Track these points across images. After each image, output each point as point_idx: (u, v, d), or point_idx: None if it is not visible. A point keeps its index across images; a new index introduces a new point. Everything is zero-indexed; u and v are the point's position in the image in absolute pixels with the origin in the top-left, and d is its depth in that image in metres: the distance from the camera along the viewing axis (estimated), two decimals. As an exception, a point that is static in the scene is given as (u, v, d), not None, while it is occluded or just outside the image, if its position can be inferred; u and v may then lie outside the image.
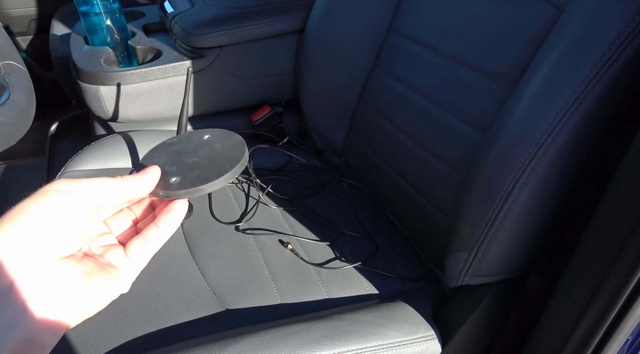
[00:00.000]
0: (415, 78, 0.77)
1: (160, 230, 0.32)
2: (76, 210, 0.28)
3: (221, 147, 0.37)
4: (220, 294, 0.61)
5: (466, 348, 0.64)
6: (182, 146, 0.37)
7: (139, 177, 0.32)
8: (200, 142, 0.37)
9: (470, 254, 0.58)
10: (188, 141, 0.38)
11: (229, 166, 0.34)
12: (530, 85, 0.52)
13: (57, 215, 0.27)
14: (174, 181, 0.34)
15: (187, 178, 0.34)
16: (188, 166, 0.35)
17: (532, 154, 0.49)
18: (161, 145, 0.38)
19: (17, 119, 0.50)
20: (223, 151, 0.36)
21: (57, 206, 0.27)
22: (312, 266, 0.70)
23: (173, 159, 0.36)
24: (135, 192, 0.32)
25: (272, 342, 0.53)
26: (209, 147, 0.37)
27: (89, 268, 0.29)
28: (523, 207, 0.52)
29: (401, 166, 0.80)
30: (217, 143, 0.37)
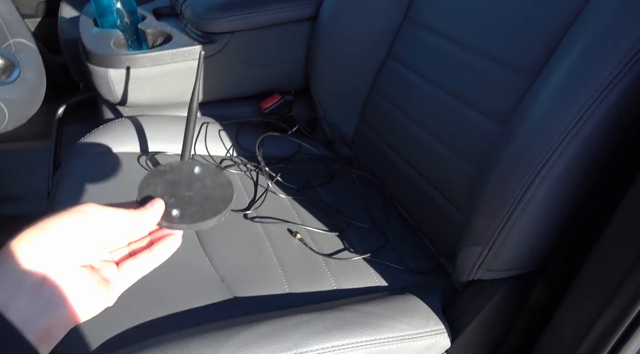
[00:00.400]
0: (431, 68, 0.75)
1: (153, 255, 0.37)
2: (96, 231, 0.33)
3: (211, 184, 0.42)
4: (228, 281, 0.60)
5: (475, 343, 0.63)
6: (176, 176, 0.41)
7: (149, 211, 0.36)
8: (192, 175, 0.42)
9: (484, 248, 0.56)
10: (180, 171, 0.42)
11: (222, 206, 0.40)
12: (553, 77, 0.50)
13: (81, 232, 0.32)
14: (175, 214, 0.38)
15: (186, 213, 0.39)
16: (185, 200, 0.40)
17: (554, 148, 0.47)
18: (156, 172, 0.41)
19: (28, 97, 0.49)
20: (214, 189, 0.41)
21: (83, 225, 0.32)
22: (320, 256, 0.69)
23: (170, 189, 0.40)
24: (145, 223, 0.36)
25: (280, 331, 0.52)
26: (201, 183, 0.41)
27: (98, 277, 0.33)
28: (541, 202, 0.50)
29: (413, 157, 0.78)
30: (207, 179, 0.42)
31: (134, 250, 0.38)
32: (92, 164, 0.75)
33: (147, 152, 0.81)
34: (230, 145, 0.90)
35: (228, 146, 0.89)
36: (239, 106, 1.00)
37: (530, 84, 0.56)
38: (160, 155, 0.81)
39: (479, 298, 0.62)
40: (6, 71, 0.48)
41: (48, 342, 0.30)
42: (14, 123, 0.47)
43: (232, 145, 0.90)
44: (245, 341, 0.50)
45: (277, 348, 0.50)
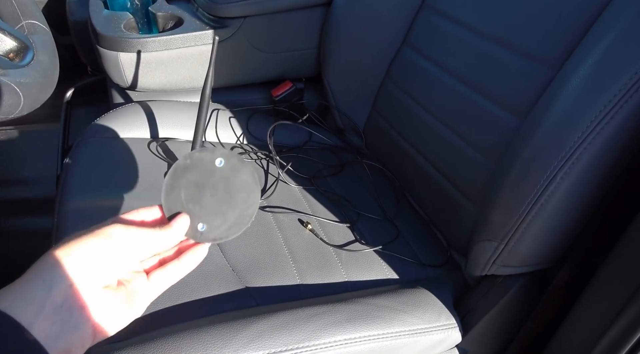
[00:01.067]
0: (448, 57, 0.73)
1: (181, 264, 0.38)
2: (120, 253, 0.34)
3: (235, 183, 0.40)
4: (239, 271, 0.60)
5: (487, 339, 0.63)
6: (199, 174, 0.40)
7: (174, 229, 0.37)
8: (214, 171, 0.40)
9: (500, 243, 0.56)
10: (202, 166, 0.40)
11: (247, 213, 0.39)
12: (579, 69, 0.49)
13: (105, 255, 0.33)
14: (201, 229, 0.39)
15: (212, 226, 0.39)
16: (210, 208, 0.39)
17: (579, 143, 0.46)
18: (178, 169, 0.40)
19: (42, 81, 0.48)
20: (238, 191, 0.39)
21: (107, 248, 0.33)
22: (331, 248, 0.68)
23: (194, 194, 0.39)
24: (170, 241, 0.37)
25: (293, 323, 0.52)
26: (225, 183, 0.40)
27: (123, 295, 0.34)
28: (562, 199, 0.49)
29: (427, 148, 0.77)
30: (231, 176, 0.40)
31: (164, 259, 0.39)
32: (102, 149, 0.75)
33: (157, 138, 0.80)
34: (241, 132, 0.88)
35: (238, 133, 0.88)
36: (250, 92, 0.99)
37: (554, 77, 0.55)
38: (171, 141, 0.80)
39: (492, 294, 0.61)
40: (20, 54, 0.47)
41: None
42: (29, 107, 0.46)
43: (243, 132, 0.89)
44: (258, 333, 0.49)
45: (289, 340, 0.50)
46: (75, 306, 0.31)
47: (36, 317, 0.29)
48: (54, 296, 0.30)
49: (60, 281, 0.31)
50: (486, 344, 0.64)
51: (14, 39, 0.47)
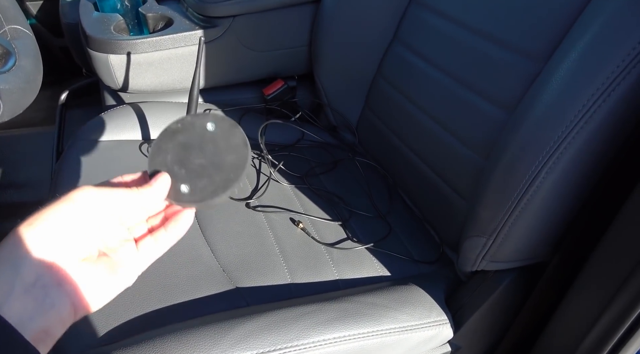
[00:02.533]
0: (437, 53, 0.73)
1: (167, 233, 0.36)
2: (97, 219, 0.31)
3: (225, 145, 0.37)
4: (230, 271, 0.60)
5: (479, 334, 0.63)
6: (188, 136, 0.38)
7: (152, 187, 0.34)
8: (204, 134, 0.38)
9: (489, 239, 0.55)
10: (193, 129, 0.38)
11: (234, 176, 0.36)
12: (564, 63, 0.49)
13: (74, 222, 0.30)
14: (184, 191, 0.36)
15: (196, 188, 0.36)
16: (195, 170, 0.37)
17: (563, 137, 0.46)
18: (168, 132, 0.38)
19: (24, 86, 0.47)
20: (227, 153, 0.37)
21: (75, 214, 0.30)
22: (323, 246, 0.68)
23: (181, 156, 0.37)
24: (150, 202, 0.34)
25: (282, 323, 0.52)
26: (214, 145, 0.37)
27: (102, 269, 0.32)
28: (548, 192, 0.49)
29: (418, 145, 0.77)
30: (220, 139, 0.38)
31: (153, 226, 0.36)
32: (93, 152, 0.75)
33: (149, 139, 0.80)
34: (233, 132, 0.88)
35: (230, 133, 0.88)
36: (241, 91, 0.98)
37: (540, 71, 0.54)
38: (162, 142, 0.80)
39: (482, 289, 0.61)
40: (1, 60, 0.47)
41: (47, 341, 0.29)
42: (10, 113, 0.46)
43: (235, 132, 0.89)
44: (246, 333, 0.49)
45: (277, 340, 0.50)
46: (50, 283, 0.29)
47: (5, 299, 0.27)
48: (23, 274, 0.28)
49: (29, 258, 0.28)
50: (478, 340, 0.64)
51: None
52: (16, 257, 0.28)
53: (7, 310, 0.27)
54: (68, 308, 0.30)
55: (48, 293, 0.29)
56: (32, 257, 0.28)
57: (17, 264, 0.28)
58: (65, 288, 0.29)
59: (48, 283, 0.29)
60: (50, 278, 0.29)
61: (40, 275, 0.28)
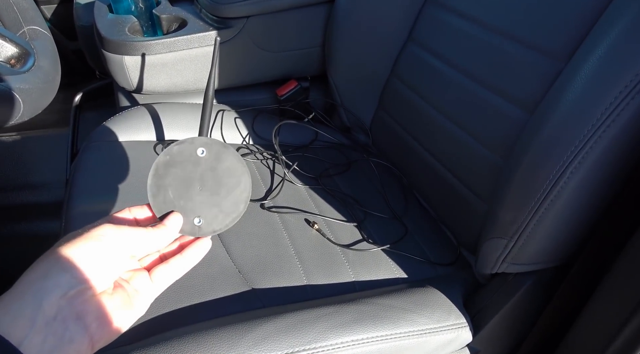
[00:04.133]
0: (454, 52, 0.72)
1: (184, 259, 0.36)
2: (114, 256, 0.32)
3: (222, 169, 0.38)
4: (245, 272, 0.60)
5: (498, 338, 0.62)
6: (182, 168, 0.38)
7: (167, 228, 0.36)
8: (198, 161, 0.38)
9: (510, 241, 0.54)
10: (185, 159, 0.38)
11: (240, 198, 0.38)
12: (589, 61, 0.47)
13: (97, 260, 0.31)
14: (197, 224, 0.37)
15: (208, 219, 0.38)
16: (202, 201, 0.38)
17: (589, 136, 0.45)
18: (159, 166, 0.38)
19: (43, 86, 0.48)
20: (228, 177, 0.38)
21: (98, 252, 0.31)
22: (338, 247, 0.67)
23: (182, 190, 0.37)
24: (165, 240, 0.36)
25: (299, 325, 0.51)
26: (211, 171, 0.38)
27: (119, 302, 0.32)
28: (572, 194, 0.48)
29: (434, 146, 0.76)
30: (216, 165, 0.38)
31: (164, 254, 0.37)
32: (108, 153, 0.75)
33: (163, 140, 0.80)
34: (247, 133, 0.88)
35: (244, 134, 0.88)
36: (255, 92, 0.98)
37: (562, 69, 0.53)
38: (176, 143, 0.80)
39: (502, 292, 0.60)
40: (21, 60, 0.47)
41: None
42: (29, 113, 0.46)
43: (248, 133, 0.88)
44: (264, 335, 0.49)
45: (295, 342, 0.49)
46: (69, 317, 0.29)
47: (26, 333, 0.27)
48: (45, 308, 0.28)
49: (52, 292, 0.28)
50: (497, 343, 0.63)
51: (15, 46, 0.47)
52: (39, 290, 0.28)
53: (28, 345, 0.27)
54: (86, 343, 0.30)
55: (67, 326, 0.29)
56: (55, 291, 0.29)
57: (40, 297, 0.28)
58: (85, 321, 0.30)
59: (68, 317, 0.29)
60: (70, 312, 0.29)
61: (61, 309, 0.29)
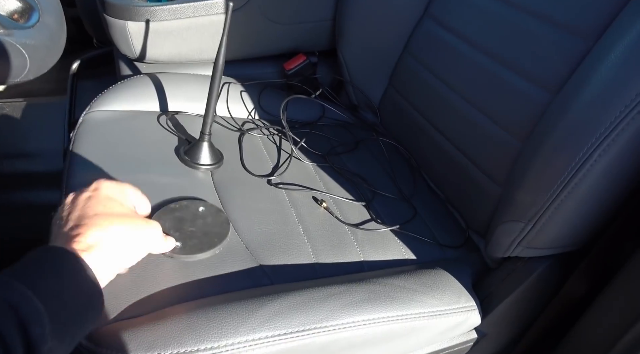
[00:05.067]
0: (473, 30, 0.70)
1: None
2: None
3: (212, 222, 0.54)
4: (253, 249, 0.58)
5: (507, 321, 0.61)
6: (183, 213, 0.53)
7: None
8: (196, 213, 0.55)
9: (527, 224, 0.53)
10: (187, 210, 0.54)
11: (217, 241, 0.53)
12: (624, 39, 0.45)
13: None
14: (177, 246, 0.50)
15: (187, 245, 0.51)
16: (188, 234, 0.52)
17: (620, 118, 0.43)
18: (167, 209, 0.54)
19: (49, 44, 0.45)
20: (213, 226, 0.54)
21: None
22: (347, 226, 0.66)
23: (176, 225, 0.52)
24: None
25: (310, 303, 0.50)
26: (203, 220, 0.54)
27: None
28: (598, 177, 0.46)
29: (447, 126, 0.74)
30: (209, 217, 0.55)
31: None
32: (110, 122, 0.72)
33: (167, 111, 0.77)
34: (252, 107, 0.86)
35: (250, 108, 0.85)
36: (262, 66, 0.95)
37: (590, 48, 0.51)
38: (181, 115, 0.77)
39: (514, 276, 0.59)
40: (25, 15, 0.44)
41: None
42: (36, 71, 0.43)
43: (254, 107, 0.86)
44: (275, 312, 0.48)
45: (306, 320, 0.48)
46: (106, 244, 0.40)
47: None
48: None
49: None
50: (506, 327, 0.62)
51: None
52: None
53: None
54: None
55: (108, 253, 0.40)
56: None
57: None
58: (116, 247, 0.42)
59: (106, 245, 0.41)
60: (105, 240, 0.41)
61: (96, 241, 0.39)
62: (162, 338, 0.43)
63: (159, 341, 0.42)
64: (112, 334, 0.43)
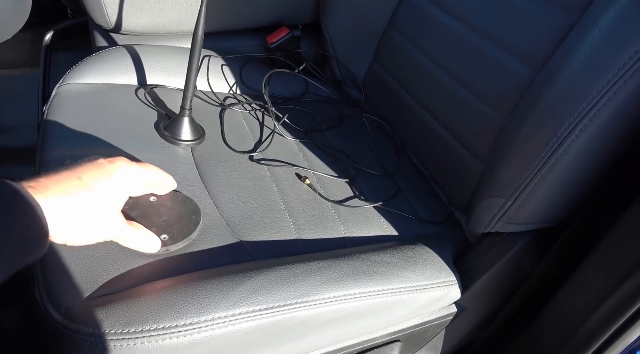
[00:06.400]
0: (458, 3, 0.68)
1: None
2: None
3: (173, 205, 0.52)
4: (234, 225, 0.57)
5: (486, 295, 0.62)
6: (141, 210, 0.49)
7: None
8: (151, 204, 0.50)
9: (508, 200, 0.53)
10: (140, 205, 0.49)
11: (195, 217, 0.52)
12: (608, 12, 0.45)
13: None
14: (164, 238, 0.48)
15: (173, 234, 0.49)
16: (163, 225, 0.49)
17: (603, 92, 0.43)
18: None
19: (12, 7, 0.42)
20: (179, 207, 0.52)
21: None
22: (330, 203, 0.66)
23: (145, 222, 0.48)
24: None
25: (291, 278, 0.50)
26: (164, 207, 0.51)
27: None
28: (579, 152, 0.47)
29: (431, 102, 0.73)
30: (167, 202, 0.51)
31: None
32: (85, 95, 0.69)
33: (145, 84, 0.75)
34: (234, 81, 0.83)
35: (231, 83, 0.83)
36: (243, 39, 0.93)
37: (575, 22, 0.51)
38: (160, 88, 0.75)
39: (494, 251, 0.60)
40: (-16, -24, 0.41)
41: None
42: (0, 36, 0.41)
43: (236, 81, 0.84)
44: (255, 287, 0.47)
45: (287, 295, 0.48)
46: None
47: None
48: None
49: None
50: (485, 301, 0.63)
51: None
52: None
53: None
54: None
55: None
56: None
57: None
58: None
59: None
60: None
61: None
62: (140, 313, 0.42)
63: (137, 317, 0.42)
64: (88, 311, 0.42)
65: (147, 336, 0.41)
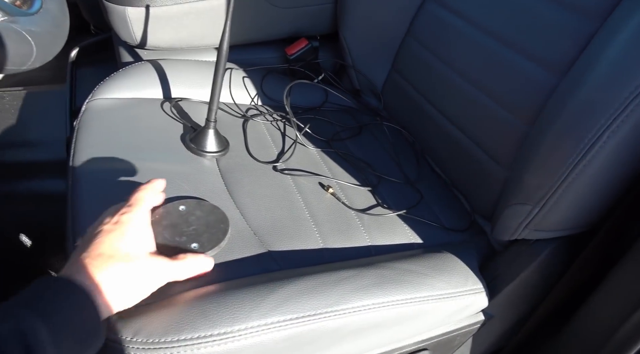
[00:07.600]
0: (477, 11, 0.69)
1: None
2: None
3: (202, 213, 0.52)
4: (261, 235, 0.58)
5: (514, 303, 0.62)
6: (170, 220, 0.50)
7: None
8: (181, 213, 0.51)
9: (535, 207, 0.53)
10: (170, 215, 0.50)
11: (224, 225, 0.52)
12: (632, 19, 0.45)
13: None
14: (194, 247, 0.49)
15: (203, 242, 0.49)
16: (193, 234, 0.50)
17: (631, 98, 0.43)
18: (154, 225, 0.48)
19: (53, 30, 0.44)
20: (208, 216, 0.52)
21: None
22: (353, 212, 0.66)
23: (175, 232, 0.49)
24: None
25: (320, 287, 0.50)
26: (194, 215, 0.52)
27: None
28: (606, 160, 0.46)
29: (451, 109, 0.74)
30: (196, 211, 0.52)
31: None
32: (113, 110, 0.72)
33: (170, 98, 0.77)
34: (255, 93, 0.85)
35: (252, 94, 0.85)
36: (263, 51, 0.94)
37: (598, 29, 0.51)
38: (185, 102, 0.76)
39: (520, 258, 0.60)
40: (27, 1, 0.43)
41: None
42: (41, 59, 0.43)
43: (257, 93, 0.85)
44: (285, 297, 0.48)
45: (318, 304, 0.49)
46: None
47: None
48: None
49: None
50: (512, 309, 0.63)
51: (18, -15, 0.43)
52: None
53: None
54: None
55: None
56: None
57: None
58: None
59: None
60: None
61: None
62: (176, 323, 0.43)
63: (173, 327, 0.43)
64: (125, 321, 0.43)
65: (183, 346, 0.42)
